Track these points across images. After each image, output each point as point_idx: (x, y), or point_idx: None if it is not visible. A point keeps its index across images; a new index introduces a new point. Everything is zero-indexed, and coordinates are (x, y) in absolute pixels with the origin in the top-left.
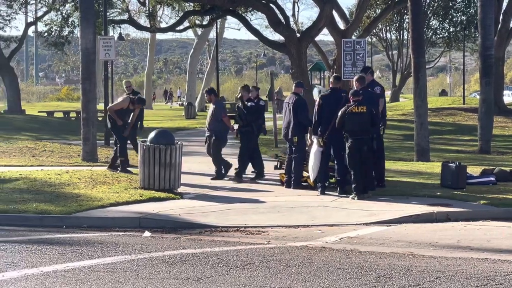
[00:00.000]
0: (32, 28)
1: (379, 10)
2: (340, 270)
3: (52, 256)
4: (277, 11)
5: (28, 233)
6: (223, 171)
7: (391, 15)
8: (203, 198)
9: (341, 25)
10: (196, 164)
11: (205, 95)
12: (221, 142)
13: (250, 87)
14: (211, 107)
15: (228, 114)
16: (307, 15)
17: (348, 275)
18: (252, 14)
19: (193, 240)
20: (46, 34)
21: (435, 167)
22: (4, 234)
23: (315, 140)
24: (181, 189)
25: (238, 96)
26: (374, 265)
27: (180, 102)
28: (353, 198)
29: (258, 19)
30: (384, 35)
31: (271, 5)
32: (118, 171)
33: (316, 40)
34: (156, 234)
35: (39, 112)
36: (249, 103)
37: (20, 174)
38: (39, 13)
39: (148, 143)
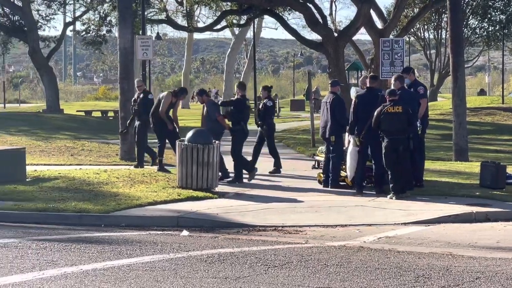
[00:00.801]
0: (70, 28)
1: (417, 9)
2: (378, 270)
3: (91, 255)
4: (314, 11)
5: (67, 232)
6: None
7: (429, 14)
8: (241, 197)
9: (379, 24)
10: (232, 163)
11: (196, 97)
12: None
13: (263, 87)
14: (204, 108)
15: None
16: (345, 14)
17: (386, 275)
18: (289, 14)
19: (231, 239)
20: (83, 33)
21: (474, 167)
22: (44, 232)
23: (351, 140)
24: (218, 188)
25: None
26: (412, 265)
27: (217, 101)
28: (391, 198)
29: (296, 19)
30: (422, 34)
31: (308, 4)
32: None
33: (354, 40)
34: (194, 233)
35: (77, 111)
36: (235, 98)
37: (59, 173)
38: (78, 13)
39: (186, 143)
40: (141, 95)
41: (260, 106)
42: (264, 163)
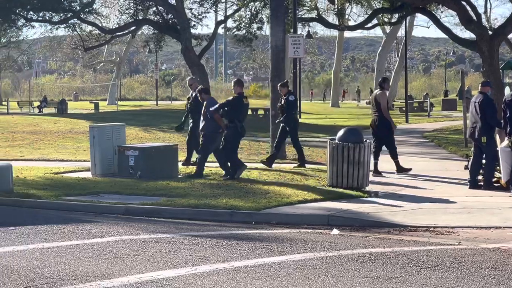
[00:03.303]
0: (221, 26)
1: None
2: None
3: (243, 252)
4: (468, 8)
5: (219, 228)
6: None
7: None
8: (391, 197)
9: None
10: (384, 163)
11: (197, 95)
12: (211, 142)
13: (281, 84)
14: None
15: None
16: (500, 11)
17: None
18: (442, 12)
19: (381, 239)
20: (234, 30)
21: None
22: (196, 228)
23: (505, 141)
24: (369, 188)
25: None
26: None
27: (367, 100)
28: None
29: (448, 17)
30: None
31: (462, 2)
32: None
33: (509, 38)
34: (345, 232)
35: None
36: (231, 97)
37: (210, 170)
38: (229, 11)
39: (336, 141)
40: (193, 94)
41: (282, 102)
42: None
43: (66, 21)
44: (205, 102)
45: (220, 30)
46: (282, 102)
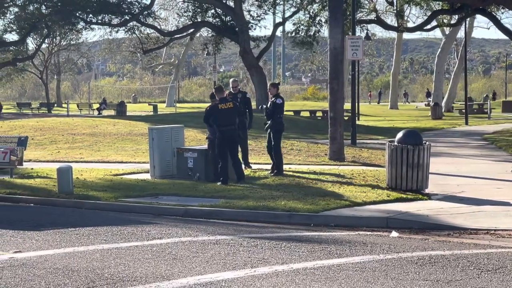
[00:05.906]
0: (279, 28)
1: None
2: None
3: (301, 254)
4: None
5: (277, 230)
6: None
7: None
8: (451, 200)
9: None
10: (443, 165)
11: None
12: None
13: (271, 84)
14: None
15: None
16: None
17: None
18: (502, 13)
19: (441, 241)
20: (293, 33)
21: None
22: (254, 230)
23: None
24: (428, 190)
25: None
26: None
27: (426, 102)
28: None
29: (509, 18)
30: None
31: None
32: None
33: None
34: (404, 235)
35: (286, 111)
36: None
37: (269, 172)
38: (287, 14)
39: (395, 143)
40: (239, 96)
41: (268, 105)
42: (476, 165)
43: (125, 23)
44: None
45: (279, 32)
46: (268, 105)
